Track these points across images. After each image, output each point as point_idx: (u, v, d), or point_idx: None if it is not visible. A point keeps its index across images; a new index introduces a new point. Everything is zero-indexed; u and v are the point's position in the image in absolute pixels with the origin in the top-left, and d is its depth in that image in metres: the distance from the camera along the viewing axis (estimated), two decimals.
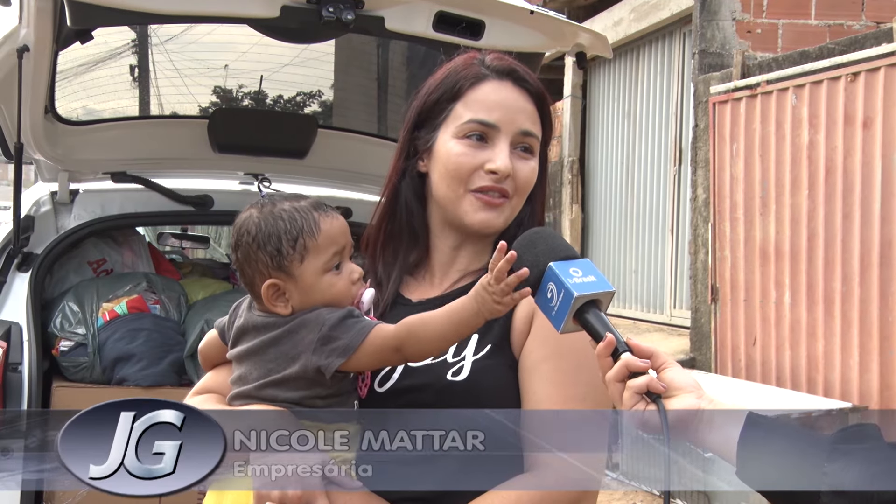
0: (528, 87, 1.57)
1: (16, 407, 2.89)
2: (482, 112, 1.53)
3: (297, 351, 1.44)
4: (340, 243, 1.49)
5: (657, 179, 9.05)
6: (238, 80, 4.08)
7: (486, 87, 1.55)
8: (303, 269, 1.47)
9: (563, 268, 1.33)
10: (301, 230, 1.47)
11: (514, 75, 1.57)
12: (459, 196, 1.53)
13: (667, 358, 1.28)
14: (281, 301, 1.48)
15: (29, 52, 2.80)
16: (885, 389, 5.33)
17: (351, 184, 3.88)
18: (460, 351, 1.48)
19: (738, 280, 6.51)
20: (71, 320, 3.35)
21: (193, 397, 1.60)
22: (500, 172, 1.51)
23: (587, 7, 10.44)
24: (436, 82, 1.59)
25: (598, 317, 1.31)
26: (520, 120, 1.54)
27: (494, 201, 1.53)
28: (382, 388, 1.49)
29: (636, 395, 1.25)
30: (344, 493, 1.41)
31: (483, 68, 1.57)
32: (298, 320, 1.46)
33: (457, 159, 1.52)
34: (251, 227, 1.49)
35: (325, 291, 1.47)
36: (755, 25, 7.45)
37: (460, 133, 1.53)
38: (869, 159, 5.41)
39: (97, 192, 3.59)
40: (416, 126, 1.60)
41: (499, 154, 1.51)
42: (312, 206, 1.50)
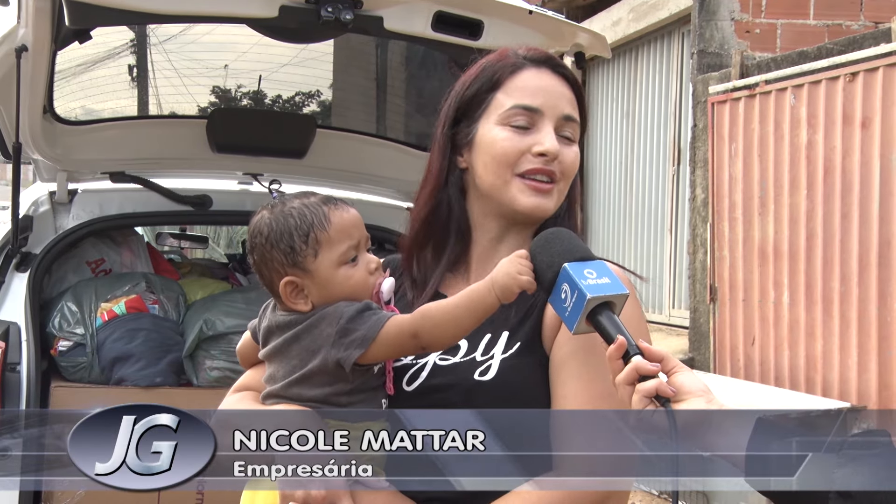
0: (565, 73, 1.58)
1: (14, 407, 2.88)
2: (525, 98, 1.53)
3: (317, 345, 1.45)
4: (354, 235, 1.49)
5: (656, 179, 9.06)
6: (237, 80, 4.08)
7: (526, 74, 1.55)
8: (318, 263, 1.47)
9: (577, 269, 1.33)
10: (312, 225, 1.47)
11: (552, 62, 1.58)
12: (507, 182, 1.52)
13: (677, 362, 1.28)
14: (300, 298, 1.48)
15: (27, 52, 2.79)
16: (884, 389, 5.33)
17: (350, 184, 3.88)
18: (489, 350, 1.47)
19: (737, 280, 6.51)
20: (69, 320, 3.35)
21: (232, 395, 1.62)
22: (549, 154, 1.50)
23: (586, 7, 10.44)
24: (471, 77, 1.59)
25: (611, 319, 1.31)
26: (562, 105, 1.55)
27: (543, 186, 1.52)
28: (411, 387, 1.48)
29: (645, 399, 1.25)
30: (369, 493, 1.41)
31: (519, 58, 1.57)
32: (318, 315, 1.47)
33: (503, 144, 1.52)
34: (263, 228, 1.50)
35: (343, 284, 1.47)
36: (754, 25, 7.45)
37: (504, 120, 1.53)
38: (867, 159, 5.41)
39: (96, 191, 3.59)
40: (454, 122, 1.59)
41: (546, 136, 1.51)
42: (322, 201, 1.50)
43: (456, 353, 1.49)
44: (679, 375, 1.27)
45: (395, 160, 3.81)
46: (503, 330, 1.48)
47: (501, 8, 2.71)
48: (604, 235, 10.11)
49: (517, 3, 2.78)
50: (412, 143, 3.91)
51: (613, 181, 9.89)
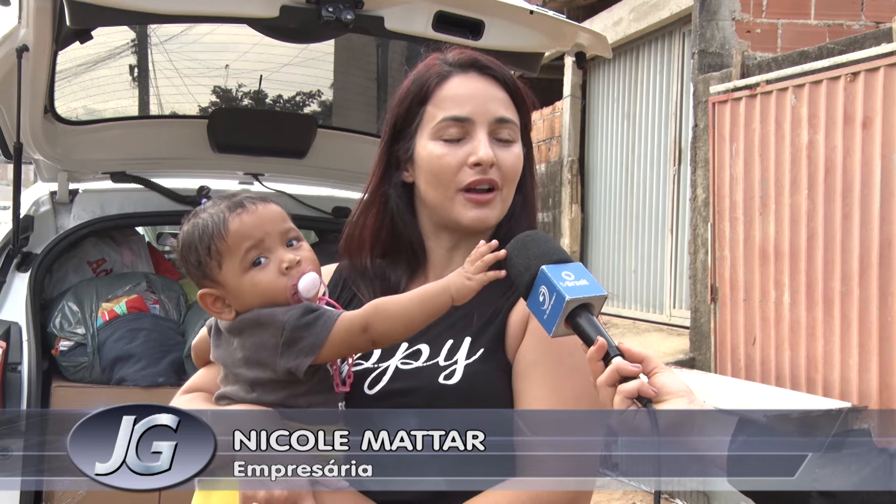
0: (493, 73, 1.55)
1: (15, 407, 2.88)
2: (453, 108, 1.51)
3: (263, 357, 1.42)
4: (255, 236, 1.44)
5: (657, 179, 9.05)
6: (238, 79, 4.08)
7: (453, 82, 1.53)
8: (223, 273, 1.44)
9: (555, 271, 1.32)
10: (211, 236, 1.43)
11: (477, 65, 1.54)
12: (449, 198, 1.51)
13: (658, 363, 1.28)
14: (223, 308, 1.46)
15: (28, 52, 2.80)
16: (885, 389, 5.33)
17: (350, 183, 3.88)
18: (452, 354, 1.46)
19: (738, 280, 6.51)
20: (70, 320, 3.35)
21: (181, 396, 1.60)
22: (483, 162, 1.48)
23: (587, 7, 10.44)
24: (404, 90, 1.57)
25: (590, 321, 1.30)
26: (493, 108, 1.52)
27: (484, 198, 1.50)
28: (372, 391, 1.47)
29: (627, 400, 1.24)
30: (331, 493, 1.41)
31: (445, 65, 1.55)
32: (252, 320, 1.43)
33: (439, 161, 1.50)
34: (179, 242, 1.49)
35: (252, 290, 1.44)
36: (755, 25, 7.45)
37: (437, 134, 1.51)
38: (868, 159, 5.40)
39: (97, 191, 3.59)
40: (392, 138, 1.58)
41: (478, 145, 1.49)
42: (228, 207, 1.46)
43: (418, 357, 1.48)
44: (660, 376, 1.26)
45: None
46: (465, 335, 1.47)
47: (502, 8, 2.71)
48: (604, 235, 10.11)
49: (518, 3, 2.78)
50: None
51: (614, 181, 9.88)
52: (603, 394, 1.27)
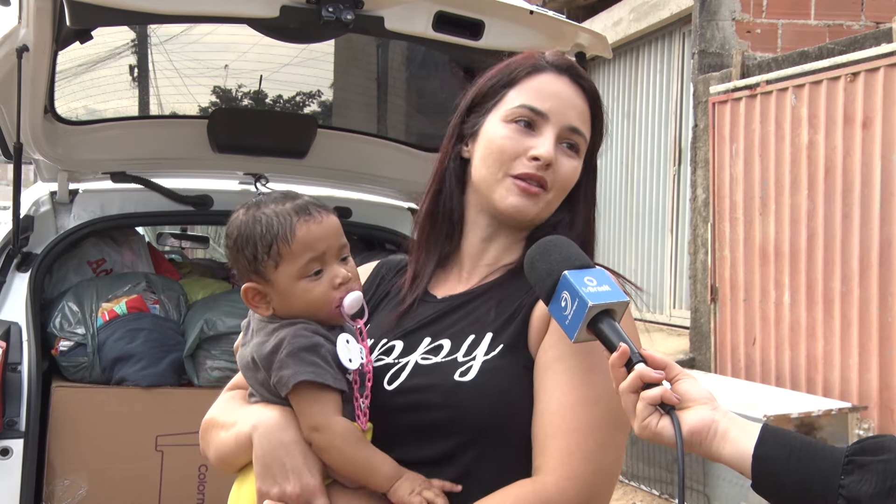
0: (583, 85, 1.56)
1: (15, 407, 2.88)
2: (534, 99, 1.52)
3: (269, 362, 1.45)
4: (318, 249, 1.46)
5: (657, 179, 9.06)
6: (238, 80, 4.08)
7: (543, 77, 1.54)
8: (278, 274, 1.46)
9: (577, 276, 1.32)
10: (276, 236, 1.45)
11: (573, 71, 1.56)
12: (498, 180, 1.51)
13: (681, 369, 1.27)
14: (262, 303, 1.49)
15: (28, 52, 2.79)
16: (885, 389, 5.33)
17: (350, 184, 3.88)
18: (472, 350, 1.45)
19: (738, 280, 6.51)
20: (70, 320, 3.34)
21: (225, 393, 1.63)
22: (542, 159, 1.48)
23: (587, 7, 10.44)
24: (494, 70, 1.58)
25: (612, 326, 1.30)
26: (570, 115, 1.52)
27: (531, 189, 1.50)
28: (391, 387, 1.47)
29: (650, 407, 1.24)
30: (344, 491, 1.42)
31: (542, 61, 1.56)
32: (277, 330, 1.46)
33: (501, 142, 1.51)
34: (233, 230, 1.50)
35: (302, 297, 1.46)
36: (755, 25, 7.45)
37: (509, 117, 1.52)
38: (868, 159, 5.41)
39: (97, 191, 3.59)
40: (468, 111, 1.59)
41: (544, 142, 1.49)
42: (294, 210, 1.47)
43: (439, 352, 1.48)
44: (683, 383, 1.26)
45: (395, 160, 3.81)
46: (487, 331, 1.47)
47: (502, 8, 2.71)
48: (605, 236, 10.10)
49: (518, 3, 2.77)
50: (413, 143, 3.91)
51: (614, 181, 9.88)
52: (625, 400, 1.27)
